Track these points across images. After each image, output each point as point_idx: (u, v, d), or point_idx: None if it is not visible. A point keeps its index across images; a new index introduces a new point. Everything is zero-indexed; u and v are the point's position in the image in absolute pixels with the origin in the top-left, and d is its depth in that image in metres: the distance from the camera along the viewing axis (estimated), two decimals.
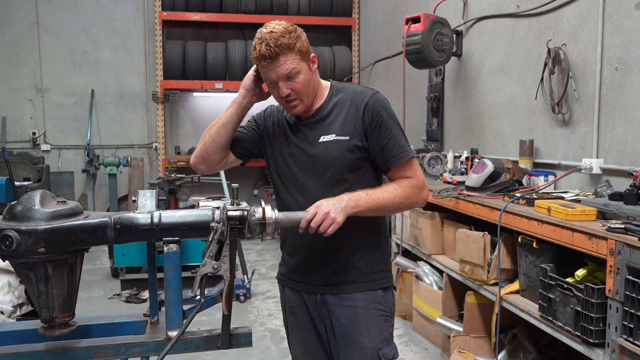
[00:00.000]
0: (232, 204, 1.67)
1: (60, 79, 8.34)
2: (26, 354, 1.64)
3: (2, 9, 8.09)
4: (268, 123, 2.18)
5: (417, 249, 4.42)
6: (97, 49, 8.41)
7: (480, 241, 3.35)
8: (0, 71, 8.18)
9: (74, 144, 8.42)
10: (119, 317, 1.91)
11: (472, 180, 3.60)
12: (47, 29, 8.25)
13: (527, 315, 2.91)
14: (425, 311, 4.14)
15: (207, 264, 1.60)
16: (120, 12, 8.44)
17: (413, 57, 4.80)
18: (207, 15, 8.00)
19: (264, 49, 1.89)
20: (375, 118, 1.98)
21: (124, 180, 8.40)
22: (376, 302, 2.04)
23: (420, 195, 1.99)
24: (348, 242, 2.02)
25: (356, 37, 8.48)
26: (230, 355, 4.03)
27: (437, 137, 5.51)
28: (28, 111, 8.32)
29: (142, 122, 8.64)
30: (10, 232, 1.50)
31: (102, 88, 8.47)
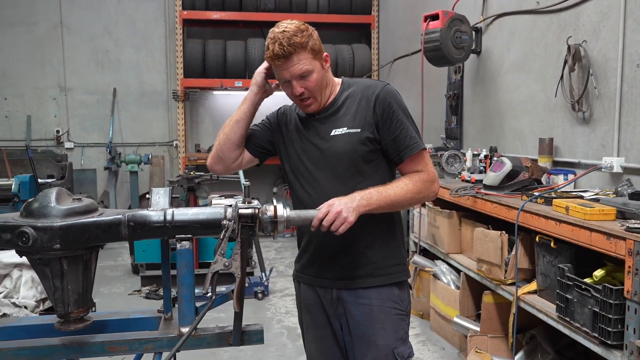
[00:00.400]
0: (243, 202, 1.68)
1: (83, 78, 8.48)
2: (43, 347, 1.67)
3: (27, 10, 8.24)
4: (281, 120, 2.20)
5: (435, 247, 4.39)
6: (119, 49, 8.52)
7: (498, 240, 3.31)
8: (26, 70, 8.33)
9: (96, 142, 8.54)
10: (134, 313, 1.94)
11: (490, 178, 3.57)
12: (71, 29, 8.39)
13: (544, 315, 2.87)
14: (443, 310, 4.12)
15: (219, 261, 1.61)
16: (141, 12, 8.53)
17: (431, 55, 4.77)
18: (226, 14, 8.05)
19: (278, 49, 1.90)
20: (387, 110, 1.98)
21: (145, 177, 8.51)
22: (392, 300, 2.04)
23: (431, 188, 1.98)
24: (363, 236, 2.01)
25: (375, 34, 8.45)
26: (247, 353, 4.06)
27: (456, 135, 5.47)
28: (52, 110, 8.47)
29: (163, 120, 8.73)
30: (27, 229, 1.53)
31: (124, 87, 8.58)
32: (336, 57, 8.22)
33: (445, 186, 4.12)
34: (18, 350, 1.66)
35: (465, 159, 4.62)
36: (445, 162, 4.61)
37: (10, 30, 8.22)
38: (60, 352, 1.68)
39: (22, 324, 1.87)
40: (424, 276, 4.54)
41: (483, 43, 4.92)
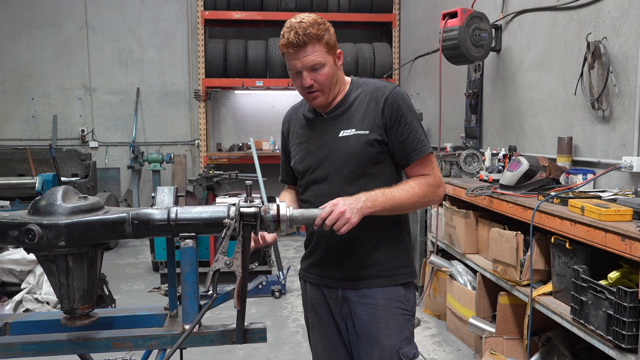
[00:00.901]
0: (245, 201, 1.69)
1: (107, 78, 8.62)
2: (50, 343, 1.70)
3: (54, 11, 8.41)
4: (291, 127, 2.21)
5: (451, 247, 4.35)
6: (142, 49, 8.64)
7: (513, 241, 3.27)
8: (52, 71, 8.51)
9: (120, 141, 8.68)
10: (140, 310, 1.96)
11: (507, 178, 3.52)
12: (96, 30, 8.53)
13: (559, 317, 2.82)
14: (459, 311, 4.08)
15: (220, 259, 1.62)
16: (164, 12, 8.64)
17: (450, 53, 4.73)
18: (247, 14, 8.10)
19: (293, 37, 1.91)
20: (395, 112, 1.98)
21: (168, 176, 8.61)
22: (398, 300, 2.03)
23: (437, 193, 1.98)
24: (370, 237, 2.01)
25: (396, 33, 8.41)
26: (262, 351, 4.08)
27: (475, 134, 5.41)
28: (77, 109, 8.64)
29: (185, 119, 8.83)
30: (33, 226, 1.56)
31: (147, 86, 8.70)
32: (357, 56, 8.21)
33: (461, 186, 4.08)
34: (25, 345, 1.69)
35: (484, 159, 4.57)
36: (463, 161, 4.56)
37: (37, 32, 8.40)
38: (67, 348, 1.71)
39: (33, 319, 1.91)
40: (440, 276, 4.50)
41: (503, 41, 4.86)
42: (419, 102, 7.39)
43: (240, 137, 8.84)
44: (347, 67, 8.17)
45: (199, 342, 1.76)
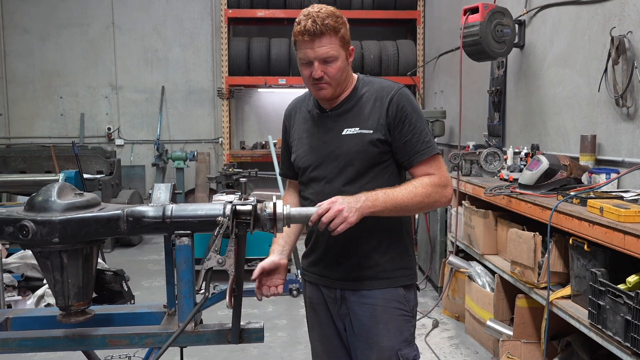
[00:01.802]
0: (240, 199, 1.66)
1: (133, 77, 8.73)
2: (46, 339, 1.70)
3: (82, 11, 8.56)
4: (293, 121, 2.18)
5: (470, 248, 4.26)
6: (167, 47, 8.72)
7: (531, 242, 3.17)
8: (80, 70, 8.66)
9: (145, 139, 8.78)
10: (140, 308, 1.95)
11: (526, 177, 3.43)
12: (122, 29, 8.65)
13: (576, 322, 2.73)
14: (477, 313, 3.99)
15: (212, 258, 1.60)
16: (189, 11, 8.70)
17: (471, 50, 4.63)
18: (271, 12, 8.09)
19: (310, 25, 1.87)
20: (400, 112, 1.94)
21: (192, 174, 8.67)
22: (397, 301, 1.98)
23: (443, 193, 1.91)
24: (369, 237, 1.98)
25: (421, 30, 8.30)
26: (276, 350, 4.06)
27: (498, 132, 5.29)
28: (104, 107, 8.77)
29: (209, 117, 8.88)
30: (27, 222, 1.56)
31: (172, 85, 8.78)
32: (380, 53, 8.13)
33: (481, 185, 3.99)
34: (22, 340, 1.69)
35: (506, 157, 4.46)
36: (483, 160, 4.46)
37: (65, 32, 8.56)
38: (63, 344, 1.71)
39: (33, 315, 1.91)
40: (459, 277, 4.41)
41: (526, 36, 4.73)
42: (443, 100, 7.28)
43: (264, 135, 8.84)
44: (371, 65, 8.12)
45: (195, 341, 1.74)
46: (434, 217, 5.28)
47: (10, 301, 4.59)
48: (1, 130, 8.62)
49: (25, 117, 8.69)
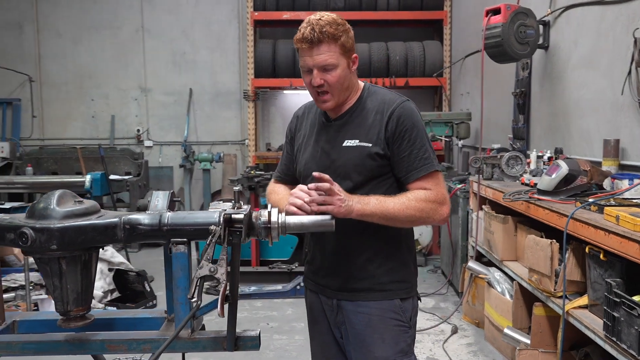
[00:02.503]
0: (233, 207, 1.66)
1: (162, 79, 8.86)
2: (47, 343, 1.74)
3: (112, 15, 8.74)
4: (300, 125, 2.18)
5: (490, 253, 4.19)
6: (195, 50, 8.83)
7: (548, 249, 3.10)
8: (110, 72, 8.84)
9: (173, 141, 8.91)
10: (142, 313, 1.98)
11: (545, 183, 3.35)
12: (151, 33, 8.79)
13: (591, 333, 2.65)
14: (496, 320, 3.92)
15: (204, 266, 1.61)
16: (216, 14, 8.79)
17: (493, 51, 4.55)
18: (296, 14, 8.11)
19: (308, 32, 1.88)
20: (399, 127, 1.93)
21: (218, 175, 8.76)
22: (393, 311, 1.96)
23: (438, 211, 1.89)
24: (365, 249, 1.97)
25: (447, 30, 8.19)
26: (292, 353, 4.07)
27: (522, 135, 5.18)
28: (133, 109, 8.93)
29: (236, 119, 8.95)
30: (27, 229, 1.60)
31: (199, 87, 8.88)
32: (406, 54, 8.06)
33: (500, 189, 3.92)
34: (25, 344, 1.74)
35: (529, 161, 4.36)
36: (505, 163, 4.38)
37: (96, 35, 8.76)
38: (64, 348, 1.74)
39: (39, 318, 1.96)
40: (479, 283, 4.34)
41: (551, 37, 4.63)
42: (469, 101, 7.17)
43: None
44: (397, 67, 8.06)
45: (191, 347, 1.75)
46: (455, 221, 5.21)
47: (36, 300, 4.71)
48: (35, 131, 8.87)
49: (58, 119, 8.92)
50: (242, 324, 4.60)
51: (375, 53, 8.04)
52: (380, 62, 8.02)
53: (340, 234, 1.96)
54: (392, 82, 7.99)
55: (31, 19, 8.75)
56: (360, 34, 8.78)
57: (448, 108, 8.24)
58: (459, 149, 7.48)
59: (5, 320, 1.91)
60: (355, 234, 1.94)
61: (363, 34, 8.54)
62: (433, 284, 5.62)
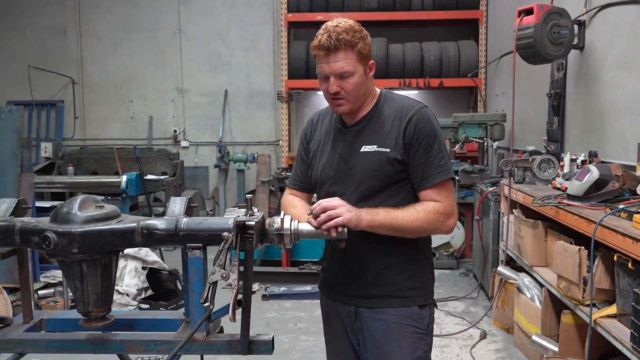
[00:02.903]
0: (245, 214, 1.70)
1: (198, 81, 9.02)
2: (70, 342, 1.82)
3: (151, 18, 8.94)
4: (315, 131, 2.19)
5: (520, 258, 4.12)
6: (230, 52, 8.95)
7: (576, 256, 3.03)
8: (149, 74, 9.06)
9: (209, 141, 9.05)
10: (161, 314, 2.04)
11: (574, 188, 3.27)
12: (188, 35, 8.96)
13: (619, 344, 2.58)
14: (525, 326, 3.85)
15: (216, 272, 1.64)
16: (251, 16, 8.89)
17: (525, 52, 4.47)
18: (329, 15, 8.11)
19: (325, 39, 1.89)
20: (417, 134, 1.93)
21: (253, 175, 8.86)
22: (411, 318, 1.96)
23: (445, 222, 1.90)
24: (384, 256, 1.98)
25: (483, 30, 8.07)
26: (318, 355, 4.10)
27: (557, 137, 5.07)
28: (170, 110, 9.12)
29: (270, 120, 9.04)
30: (50, 233, 1.67)
31: (235, 88, 9.00)
32: (441, 55, 7.98)
33: (530, 193, 3.85)
34: (50, 342, 1.82)
35: (563, 164, 4.27)
36: (537, 167, 4.29)
37: (136, 38, 8.98)
38: (86, 347, 1.81)
39: (66, 317, 2.04)
40: (509, 288, 4.27)
41: (586, 37, 4.51)
42: (504, 102, 7.05)
43: None
44: (431, 67, 7.99)
45: (206, 350, 1.79)
46: (486, 225, 5.14)
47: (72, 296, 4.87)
48: (77, 132, 9.16)
49: (98, 120, 9.19)
50: (271, 324, 4.66)
51: (409, 53, 7.98)
52: (414, 62, 7.96)
53: (359, 241, 1.97)
54: (426, 82, 7.93)
55: (74, 24, 9.04)
56: (394, 35, 8.72)
57: (483, 109, 8.13)
58: (494, 151, 7.37)
59: (34, 319, 2.00)
60: (374, 241, 1.95)
61: (397, 34, 8.51)
62: (464, 287, 5.56)
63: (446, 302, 5.11)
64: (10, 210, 1.85)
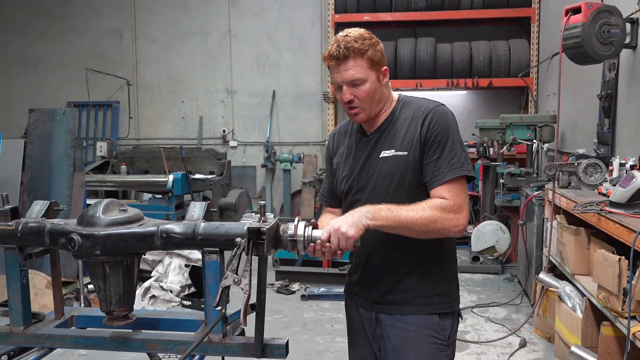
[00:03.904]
0: (258, 221, 1.73)
1: (246, 82, 9.18)
2: (95, 338, 1.90)
3: (202, 21, 9.17)
4: (337, 144, 2.21)
5: (562, 266, 3.99)
6: (278, 53, 9.06)
7: (616, 266, 2.91)
8: (200, 76, 9.28)
9: (257, 141, 9.20)
10: (183, 315, 2.10)
11: (617, 195, 3.15)
12: (237, 37, 9.13)
13: None
14: (565, 336, 3.73)
15: (229, 277, 1.68)
16: (299, 17, 8.96)
17: (572, 52, 4.32)
18: (376, 15, 8.10)
19: (334, 49, 1.92)
20: (430, 131, 1.92)
21: (299, 175, 8.93)
22: (431, 328, 1.94)
23: (453, 221, 1.84)
24: (405, 262, 1.97)
25: (535, 28, 7.84)
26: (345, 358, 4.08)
27: (607, 140, 4.87)
28: (220, 111, 9.32)
29: (316, 120, 9.09)
30: (75, 235, 1.75)
31: (282, 89, 9.10)
32: (490, 54, 7.81)
33: (573, 199, 3.73)
34: (77, 338, 1.91)
35: (612, 169, 4.11)
36: (582, 171, 4.14)
37: (187, 41, 9.22)
38: (109, 344, 1.89)
39: (95, 315, 2.13)
40: (550, 296, 4.15)
41: (639, 36, 4.31)
42: (556, 102, 6.82)
43: None
44: (480, 67, 7.83)
45: (222, 351, 1.84)
46: (530, 229, 5.00)
47: None
48: (132, 132, 9.50)
49: (152, 120, 9.50)
50: (307, 325, 4.70)
51: (458, 53, 7.85)
52: (462, 62, 7.82)
53: (380, 247, 1.97)
54: (475, 82, 7.77)
55: (130, 27, 9.37)
56: (442, 34, 8.60)
57: (535, 109, 7.90)
58: (545, 153, 7.15)
59: (65, 315, 2.10)
60: (395, 248, 1.94)
61: (445, 33, 8.38)
62: (507, 293, 5.42)
63: (487, 308, 5.01)
64: (42, 212, 1.95)
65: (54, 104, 9.18)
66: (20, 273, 1.93)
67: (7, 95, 9.83)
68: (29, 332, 1.93)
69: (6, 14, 9.71)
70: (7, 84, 9.83)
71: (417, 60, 7.91)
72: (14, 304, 1.93)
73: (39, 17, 9.61)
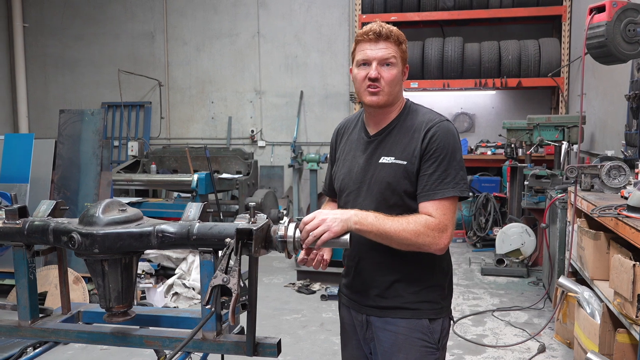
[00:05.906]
0: (248, 222, 1.76)
1: (275, 82, 9.26)
2: (96, 333, 1.97)
3: (231, 23, 9.29)
4: (341, 139, 2.22)
5: (582, 270, 3.90)
6: (306, 53, 9.11)
7: (630, 272, 2.84)
8: (229, 77, 9.42)
9: (284, 141, 9.27)
10: (184, 312, 2.15)
11: (635, 199, 3.07)
12: (266, 38, 9.22)
13: None
14: (583, 342, 3.65)
15: (218, 276, 1.71)
16: (327, 18, 8.99)
17: (596, 52, 4.20)
18: (403, 15, 8.06)
19: (376, 26, 1.95)
20: (430, 145, 1.92)
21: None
22: (420, 331, 1.94)
23: (435, 239, 1.83)
24: (394, 269, 1.98)
25: (566, 27, 7.67)
26: None
27: (635, 142, 4.74)
28: (248, 111, 9.43)
29: None
30: (75, 234, 1.82)
31: (310, 89, 9.15)
32: (520, 53, 7.68)
33: (593, 202, 3.65)
34: (79, 333, 1.98)
35: (637, 171, 4.00)
36: (605, 174, 4.05)
37: (217, 42, 9.37)
38: (110, 339, 1.96)
39: (101, 310, 2.20)
40: (570, 301, 4.06)
41: None
42: (585, 103, 6.67)
43: None
44: (509, 67, 7.72)
45: (215, 349, 1.88)
46: (553, 233, 4.91)
47: (144, 287, 5.20)
48: (163, 132, 9.70)
49: (182, 120, 9.68)
50: (325, 325, 4.72)
51: (486, 52, 7.75)
52: (491, 62, 7.72)
53: (372, 252, 1.99)
54: (504, 82, 7.67)
55: (162, 30, 9.57)
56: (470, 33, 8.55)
57: (565, 110, 7.73)
58: (574, 154, 6.98)
59: (72, 310, 2.18)
60: (388, 253, 1.95)
61: (474, 33, 8.29)
62: (530, 297, 5.33)
63: (508, 312, 4.93)
64: (48, 211, 2.03)
65: (89, 105, 9.47)
66: (27, 269, 2.01)
67: (45, 95, 10.17)
68: (36, 326, 2.01)
69: (45, 17, 10.05)
70: (45, 85, 10.17)
71: (445, 60, 7.84)
72: (21, 299, 2.02)
73: (76, 20, 9.91)
